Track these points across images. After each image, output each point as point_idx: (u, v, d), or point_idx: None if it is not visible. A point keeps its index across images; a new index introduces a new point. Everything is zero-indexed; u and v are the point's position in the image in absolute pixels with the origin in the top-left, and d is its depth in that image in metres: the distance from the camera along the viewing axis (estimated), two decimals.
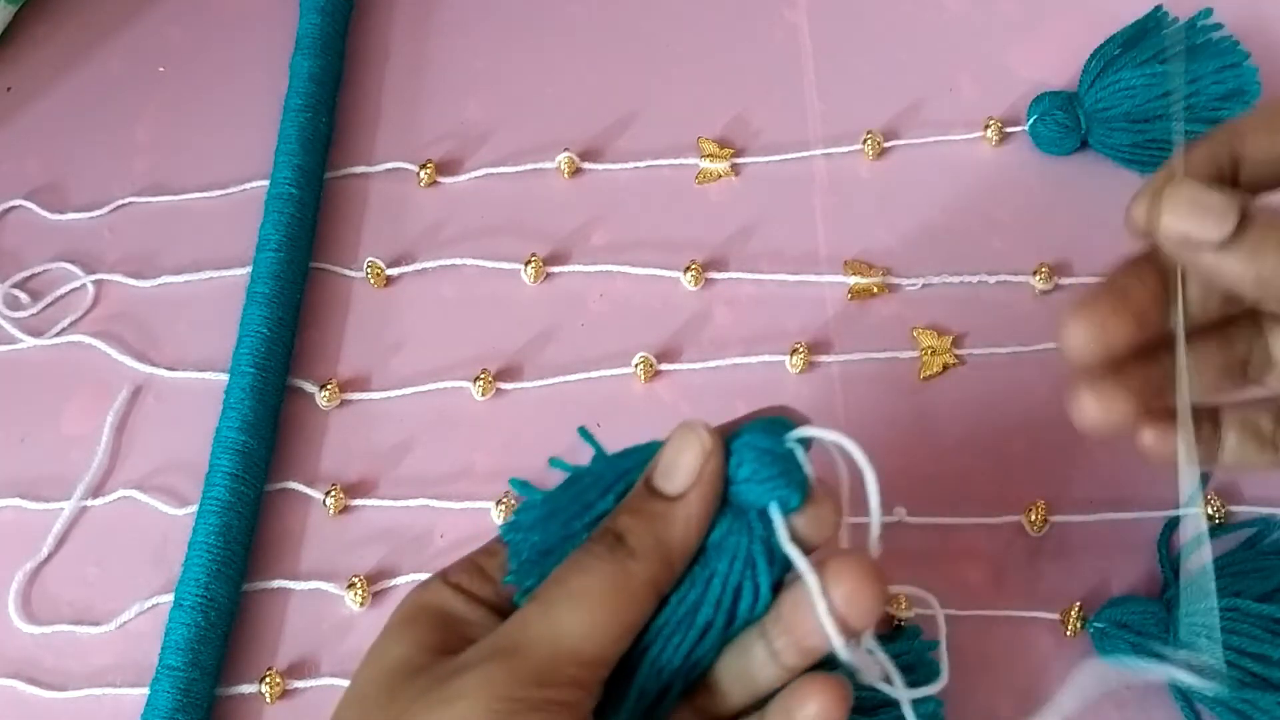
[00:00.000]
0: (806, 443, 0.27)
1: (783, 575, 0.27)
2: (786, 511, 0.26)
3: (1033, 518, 0.38)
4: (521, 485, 0.29)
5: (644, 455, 0.28)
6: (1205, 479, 0.39)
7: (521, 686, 0.25)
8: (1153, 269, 0.28)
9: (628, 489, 0.28)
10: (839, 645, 0.26)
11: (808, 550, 0.27)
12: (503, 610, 0.28)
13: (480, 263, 0.45)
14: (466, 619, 0.28)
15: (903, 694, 0.28)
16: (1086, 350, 0.28)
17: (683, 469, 0.27)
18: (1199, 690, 0.29)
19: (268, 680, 0.38)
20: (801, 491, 0.26)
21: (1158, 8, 0.45)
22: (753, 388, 0.42)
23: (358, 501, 0.41)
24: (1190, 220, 0.26)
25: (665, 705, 0.27)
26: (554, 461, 0.29)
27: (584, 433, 0.30)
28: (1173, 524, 0.38)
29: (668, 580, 0.27)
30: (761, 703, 0.28)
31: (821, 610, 0.26)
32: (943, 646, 0.31)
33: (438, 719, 0.25)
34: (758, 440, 0.27)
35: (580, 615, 0.26)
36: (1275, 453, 0.31)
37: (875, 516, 0.27)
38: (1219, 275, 0.26)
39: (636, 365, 0.42)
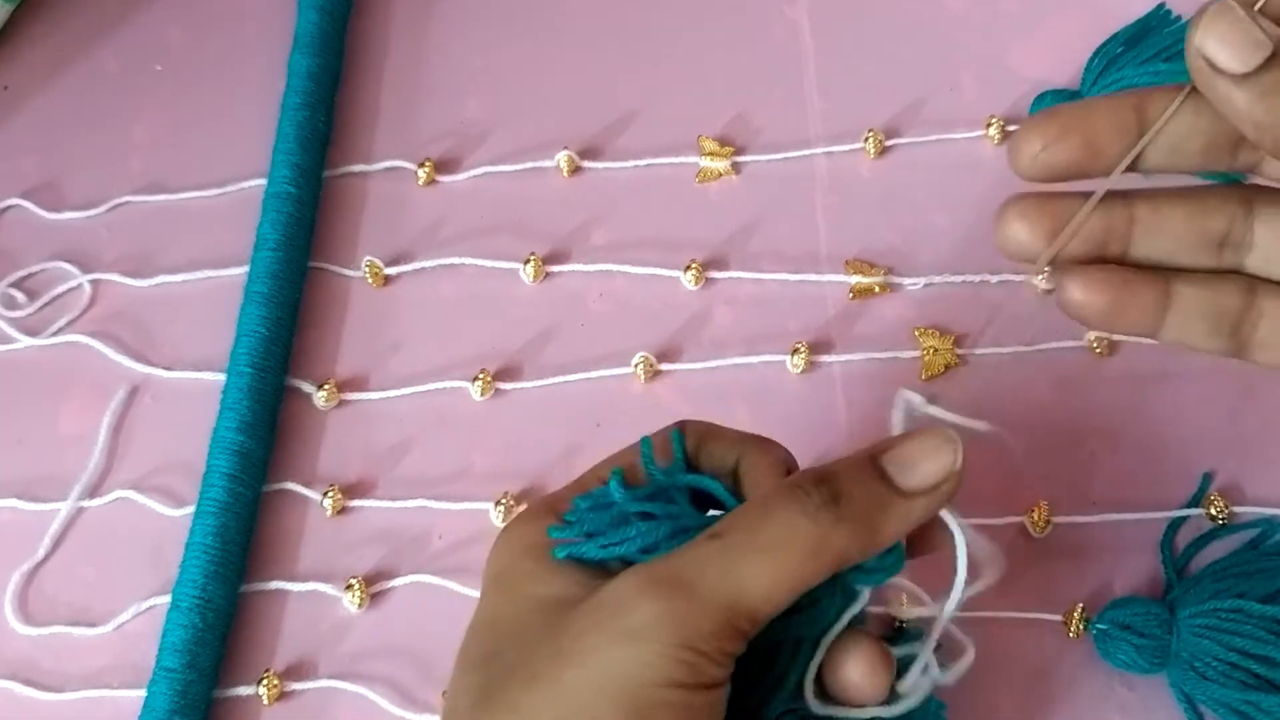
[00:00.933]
0: None
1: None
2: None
3: (1035, 518, 0.38)
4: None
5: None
6: (1208, 478, 0.39)
7: (703, 638, 0.24)
8: (1131, 106, 0.27)
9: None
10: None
11: None
12: None
13: (479, 262, 0.44)
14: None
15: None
16: (1027, 163, 0.27)
17: (925, 471, 0.26)
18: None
19: (265, 682, 0.37)
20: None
21: (1160, 5, 0.45)
22: (753, 388, 0.41)
23: (356, 502, 0.41)
24: (1221, 44, 0.25)
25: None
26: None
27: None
28: (1176, 524, 0.38)
29: (854, 562, 0.26)
30: None
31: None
32: (928, 648, 0.30)
33: (620, 656, 0.24)
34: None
35: (770, 568, 0.25)
36: (1225, 340, 0.28)
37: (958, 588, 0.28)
38: (1226, 106, 0.25)
39: (636, 365, 0.42)
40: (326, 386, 0.42)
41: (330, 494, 0.40)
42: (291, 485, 0.41)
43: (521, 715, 0.24)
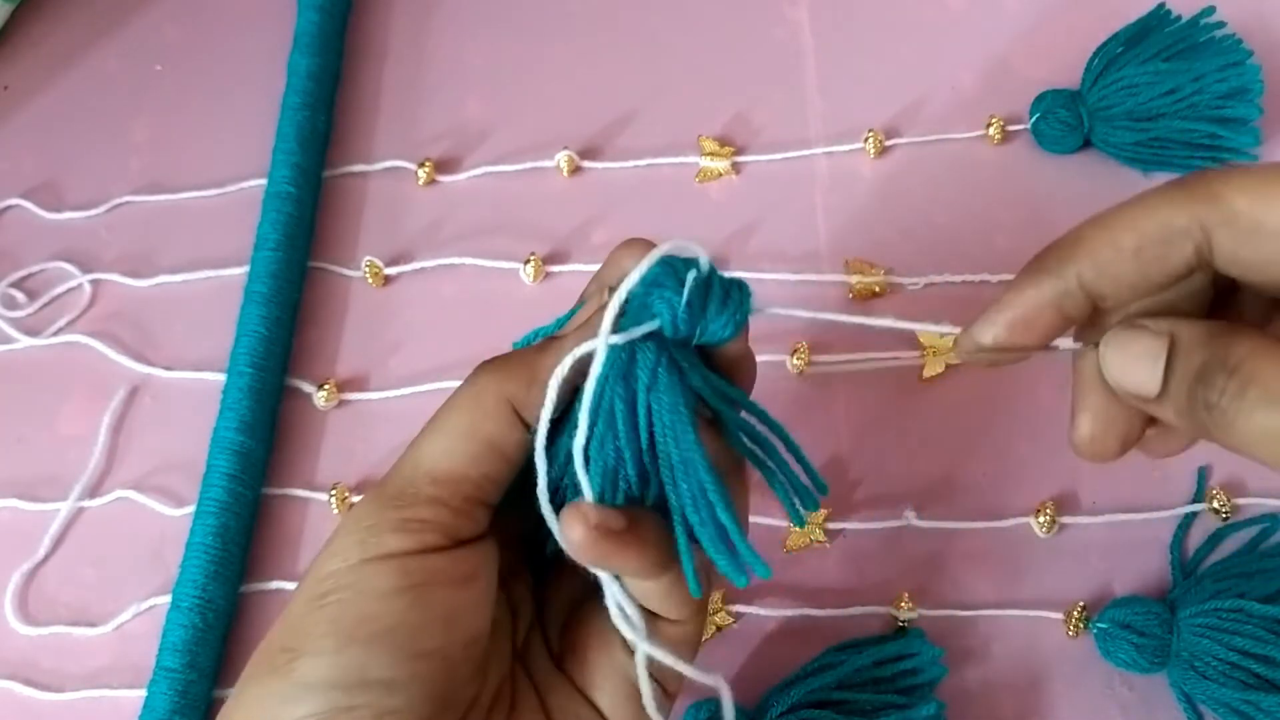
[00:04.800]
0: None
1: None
2: (674, 326, 0.26)
3: (1042, 519, 0.38)
4: None
5: None
6: (1204, 473, 0.39)
7: (380, 510, 0.26)
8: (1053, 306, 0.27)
9: None
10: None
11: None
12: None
13: (479, 262, 0.44)
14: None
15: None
16: (965, 356, 0.28)
17: (577, 318, 0.28)
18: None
19: None
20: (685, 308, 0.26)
21: (1160, 5, 0.45)
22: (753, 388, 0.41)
23: (356, 499, 0.41)
24: (1124, 374, 0.26)
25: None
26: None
27: None
28: (1186, 522, 0.38)
29: (524, 396, 0.27)
30: None
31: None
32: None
33: (321, 566, 0.26)
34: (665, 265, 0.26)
35: (436, 435, 0.27)
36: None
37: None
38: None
39: None
40: (326, 386, 0.42)
41: (335, 490, 0.40)
42: (292, 486, 0.41)
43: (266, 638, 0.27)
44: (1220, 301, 0.28)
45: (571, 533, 0.26)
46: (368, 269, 0.44)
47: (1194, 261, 0.25)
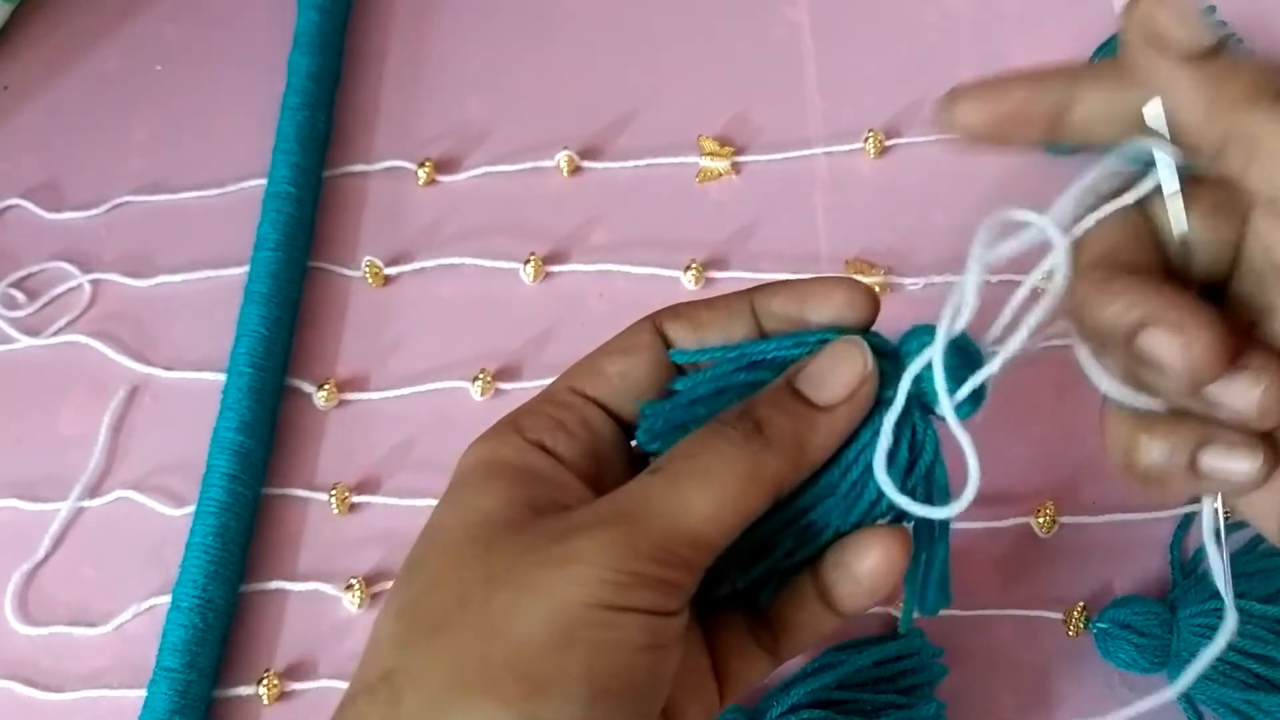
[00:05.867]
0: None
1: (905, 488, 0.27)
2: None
3: (1041, 520, 0.38)
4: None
5: (798, 349, 0.27)
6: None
7: (638, 559, 0.24)
8: (1062, 86, 0.26)
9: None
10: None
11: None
12: (587, 475, 0.27)
13: (479, 262, 0.44)
14: (555, 480, 0.27)
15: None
16: (952, 123, 0.28)
17: (836, 382, 0.26)
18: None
19: (265, 682, 0.37)
20: (975, 400, 0.27)
21: None
22: None
23: (357, 498, 0.41)
24: (1173, 18, 0.24)
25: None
26: (675, 354, 0.28)
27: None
28: (1186, 523, 0.38)
29: (792, 482, 0.26)
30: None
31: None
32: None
33: (549, 579, 0.24)
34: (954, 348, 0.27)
35: (707, 495, 0.25)
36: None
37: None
38: (1166, 87, 0.24)
39: None
40: (326, 386, 0.42)
41: (336, 490, 0.40)
42: (294, 490, 0.41)
43: (449, 634, 0.24)
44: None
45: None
46: (368, 269, 0.44)
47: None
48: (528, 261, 0.44)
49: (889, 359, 0.27)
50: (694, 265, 0.43)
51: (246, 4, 0.52)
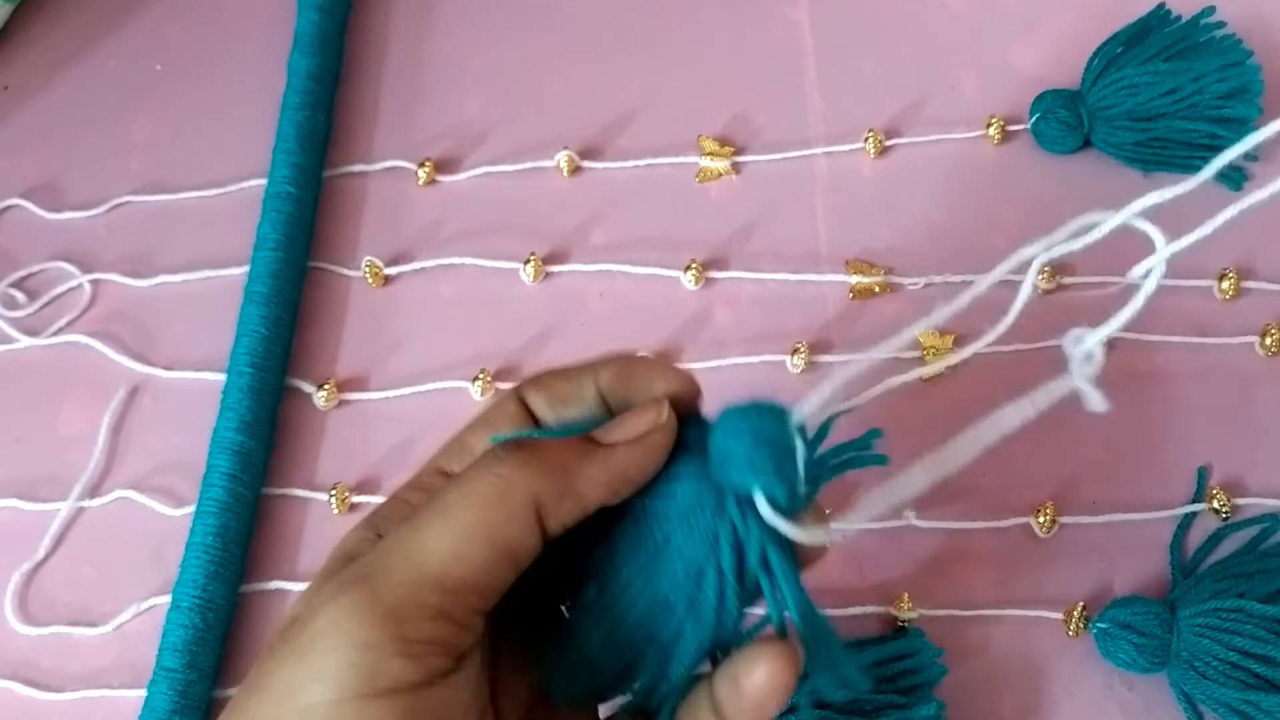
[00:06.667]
0: (808, 437, 0.26)
1: (749, 592, 0.25)
2: (772, 504, 0.24)
3: (1041, 520, 0.38)
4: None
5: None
6: (1204, 473, 0.39)
7: (379, 626, 0.21)
8: None
9: None
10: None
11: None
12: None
13: (479, 262, 0.44)
14: None
15: None
16: None
17: (625, 426, 0.25)
18: None
19: None
20: (789, 488, 0.24)
21: (1160, 5, 0.45)
22: (753, 388, 0.41)
23: (356, 499, 0.41)
24: None
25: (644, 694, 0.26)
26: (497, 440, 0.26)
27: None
28: (1186, 522, 0.38)
29: (554, 505, 0.24)
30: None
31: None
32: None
33: (295, 676, 0.21)
34: (753, 420, 0.25)
35: (445, 531, 0.22)
36: None
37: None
38: None
39: None
40: (326, 386, 0.42)
41: (336, 490, 0.40)
42: (292, 486, 0.41)
43: None
44: None
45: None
46: (368, 269, 0.44)
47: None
48: (528, 261, 0.44)
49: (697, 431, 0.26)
50: (694, 265, 0.43)
51: (247, 4, 0.52)
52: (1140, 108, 0.43)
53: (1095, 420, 0.40)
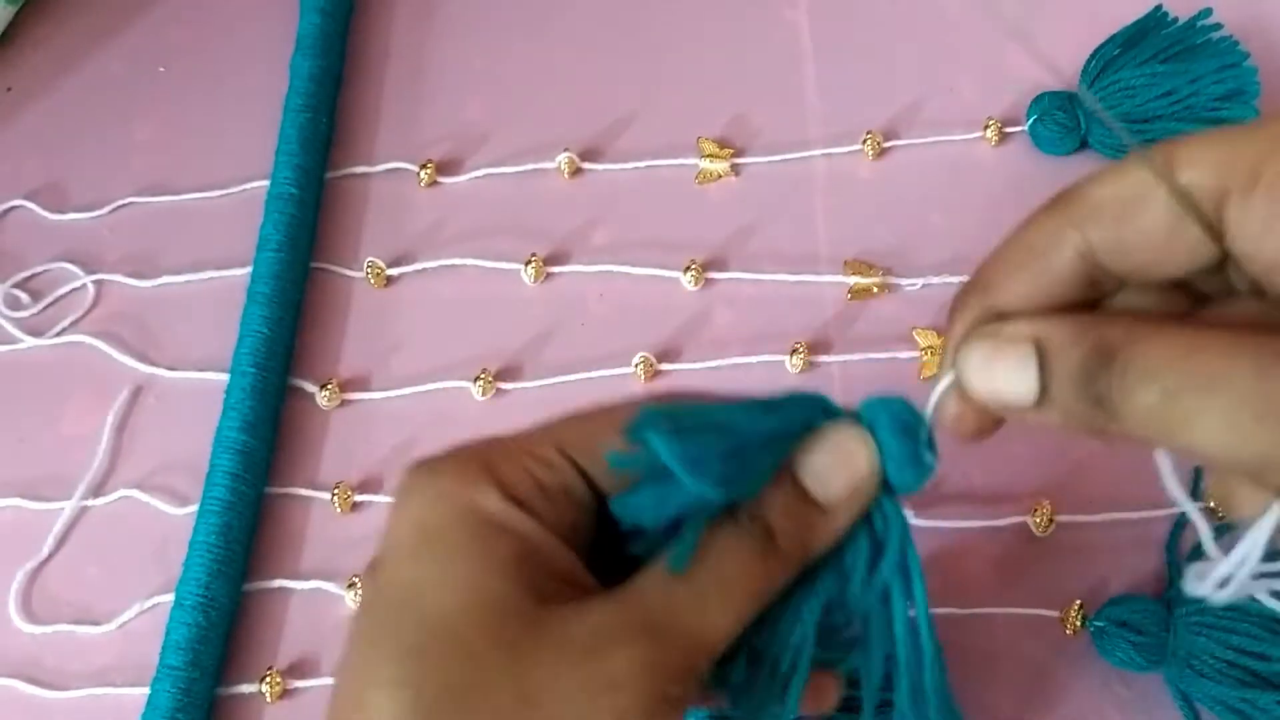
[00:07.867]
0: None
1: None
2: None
3: (1038, 518, 0.38)
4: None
5: (798, 416, 0.27)
6: (1199, 471, 0.39)
7: (669, 681, 0.23)
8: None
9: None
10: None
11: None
12: (563, 534, 0.25)
13: (480, 263, 0.45)
14: (552, 556, 0.25)
15: None
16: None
17: (839, 482, 0.26)
18: None
19: (268, 680, 0.38)
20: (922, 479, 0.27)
21: (1157, 7, 0.45)
22: (753, 388, 0.41)
23: (359, 497, 0.41)
24: (993, 383, 0.24)
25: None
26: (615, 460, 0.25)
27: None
28: (1182, 521, 0.38)
29: (783, 585, 0.26)
30: None
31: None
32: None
33: (594, 708, 0.23)
34: (905, 416, 0.27)
35: (729, 608, 0.24)
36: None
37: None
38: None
39: (637, 365, 0.42)
40: (329, 386, 0.42)
41: (338, 489, 0.40)
42: (295, 485, 0.41)
43: None
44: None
45: None
46: (369, 270, 0.44)
47: (1078, 264, 0.24)
48: (528, 262, 0.44)
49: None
50: (694, 266, 0.43)
51: (249, 6, 0.52)
52: (1137, 110, 0.43)
53: None
